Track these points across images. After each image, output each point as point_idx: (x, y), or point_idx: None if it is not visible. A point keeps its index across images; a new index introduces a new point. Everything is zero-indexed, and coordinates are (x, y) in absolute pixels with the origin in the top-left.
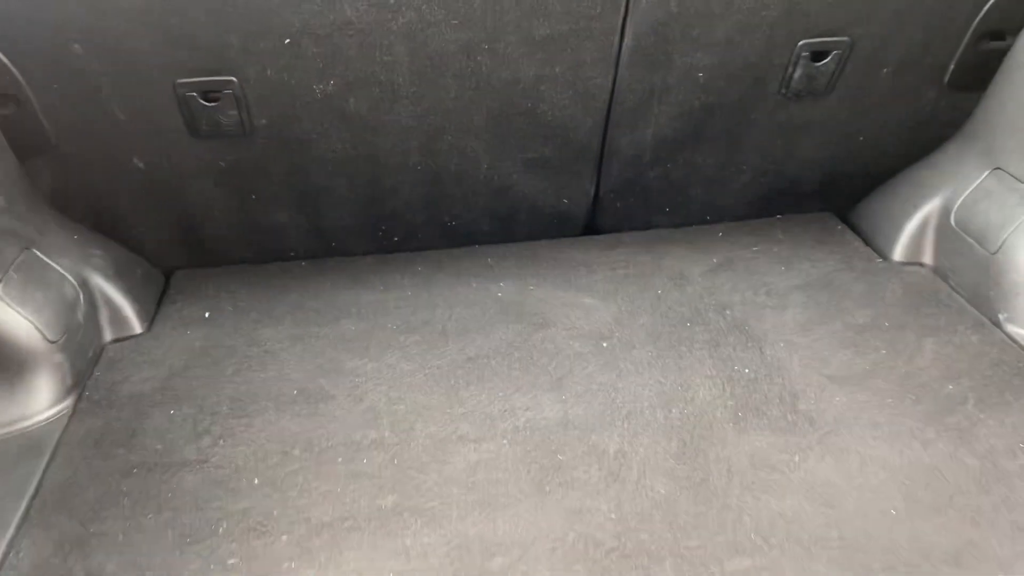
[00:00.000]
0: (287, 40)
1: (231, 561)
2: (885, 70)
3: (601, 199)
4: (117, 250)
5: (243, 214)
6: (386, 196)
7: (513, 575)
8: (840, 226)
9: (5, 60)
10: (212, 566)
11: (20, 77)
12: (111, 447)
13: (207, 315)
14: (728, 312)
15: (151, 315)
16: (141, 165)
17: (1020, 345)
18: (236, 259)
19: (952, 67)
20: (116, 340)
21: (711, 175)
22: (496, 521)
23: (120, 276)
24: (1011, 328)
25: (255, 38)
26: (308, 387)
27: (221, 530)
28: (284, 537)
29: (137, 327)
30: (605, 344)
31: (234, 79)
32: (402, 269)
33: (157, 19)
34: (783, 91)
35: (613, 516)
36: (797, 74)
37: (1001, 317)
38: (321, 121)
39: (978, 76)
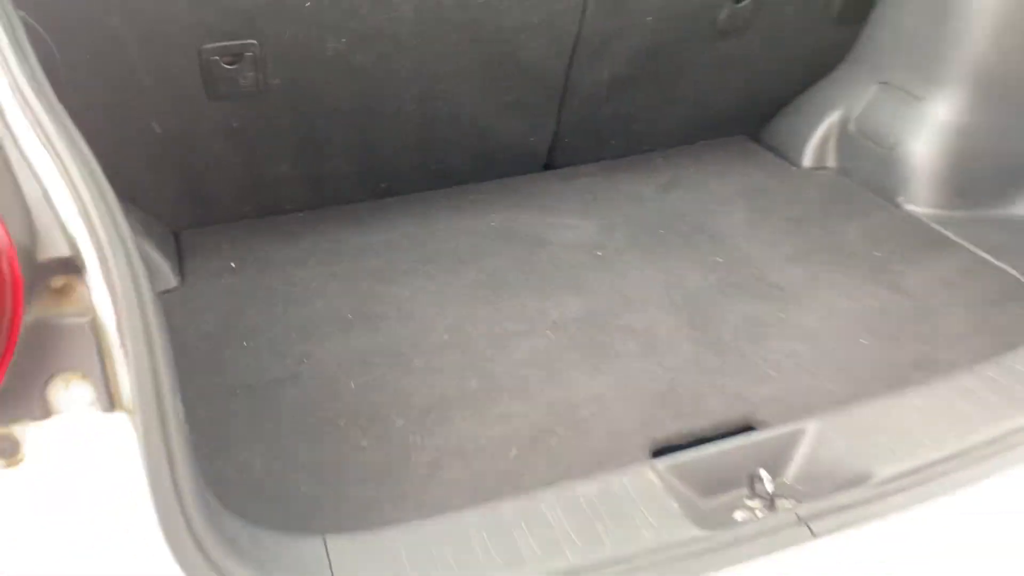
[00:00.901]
0: (308, 2)
1: (363, 443)
2: (789, 8)
3: (560, 136)
4: (137, 211)
5: (248, 169)
6: (382, 144)
7: (600, 419)
8: (755, 146)
9: (38, 27)
10: (346, 450)
11: (53, 45)
12: (206, 376)
13: (233, 265)
14: (688, 219)
15: (179, 270)
16: (158, 129)
17: (919, 219)
18: (238, 215)
19: (839, 4)
20: (160, 293)
21: (653, 108)
22: (569, 386)
23: (148, 235)
24: (910, 207)
25: (279, 1)
26: (360, 311)
27: (341, 423)
28: (399, 420)
29: (172, 281)
30: (599, 253)
31: (255, 42)
32: (399, 211)
33: None
34: (712, 31)
35: (659, 371)
36: (723, 16)
37: (899, 200)
38: (330, 77)
39: (860, 10)
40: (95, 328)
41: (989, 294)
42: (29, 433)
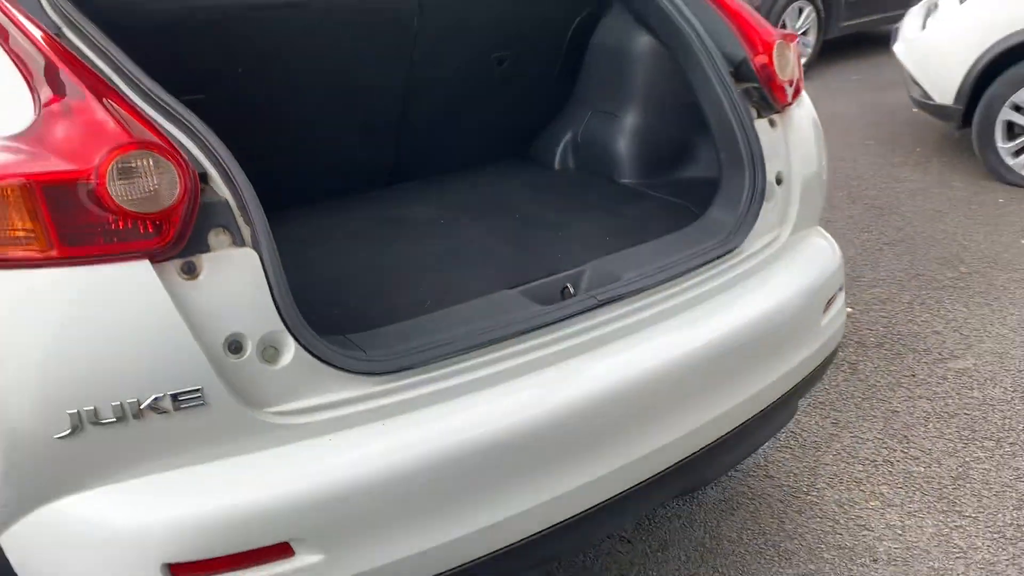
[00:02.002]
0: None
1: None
2: (533, 70)
3: (400, 156)
4: None
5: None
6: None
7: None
8: (524, 160)
9: None
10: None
11: None
12: None
13: None
14: (494, 200)
15: None
16: None
17: (628, 185)
18: None
19: (559, 69)
20: None
21: (462, 135)
22: (450, 274)
23: None
24: (623, 180)
25: None
26: (400, 260)
27: None
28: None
29: None
30: (442, 221)
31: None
32: (378, 199)
33: None
34: (495, 82)
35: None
36: (497, 73)
37: (615, 177)
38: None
39: (572, 72)
40: (228, 204)
41: (675, 217)
42: (202, 260)
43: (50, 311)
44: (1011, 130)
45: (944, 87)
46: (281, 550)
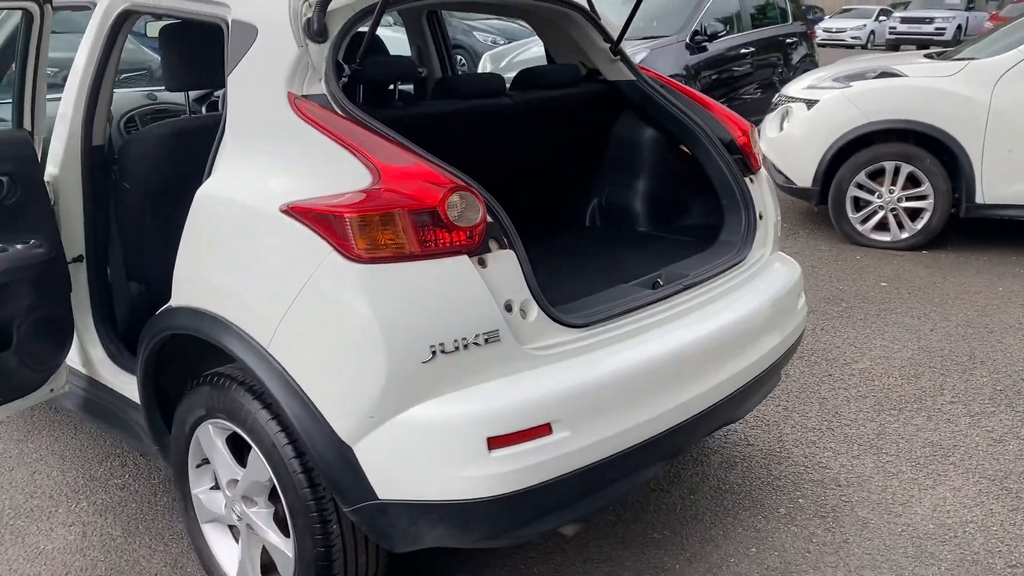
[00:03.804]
0: None
1: None
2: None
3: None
4: None
5: None
6: None
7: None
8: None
9: None
10: None
11: None
12: None
13: None
14: (611, 238)
15: None
16: None
17: None
18: None
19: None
20: None
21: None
22: None
23: None
24: (641, 229)
25: None
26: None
27: None
28: None
29: None
30: (612, 247)
31: None
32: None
33: None
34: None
35: None
36: (553, 154)
37: None
38: None
39: (593, 153)
40: (499, 223)
41: (690, 245)
42: (487, 257)
43: (415, 286)
44: (858, 204)
45: (803, 174)
46: (545, 429)
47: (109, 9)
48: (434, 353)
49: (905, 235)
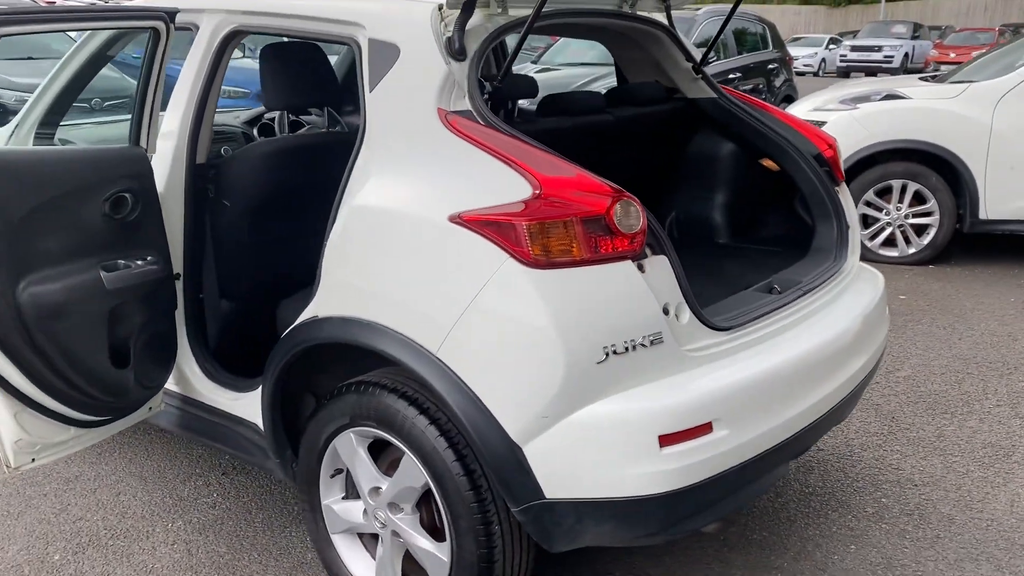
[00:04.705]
0: None
1: None
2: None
3: None
4: None
5: None
6: None
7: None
8: None
9: None
10: None
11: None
12: None
13: None
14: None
15: None
16: None
17: None
18: None
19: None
20: None
21: None
22: None
23: None
24: (721, 241)
25: None
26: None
27: None
28: None
29: None
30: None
31: None
32: None
33: None
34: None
35: None
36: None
37: None
38: None
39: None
40: (653, 230)
41: (780, 256)
42: (644, 262)
43: (587, 290)
44: (866, 220)
45: None
46: (707, 427)
47: (216, 30)
48: (607, 354)
49: (912, 250)
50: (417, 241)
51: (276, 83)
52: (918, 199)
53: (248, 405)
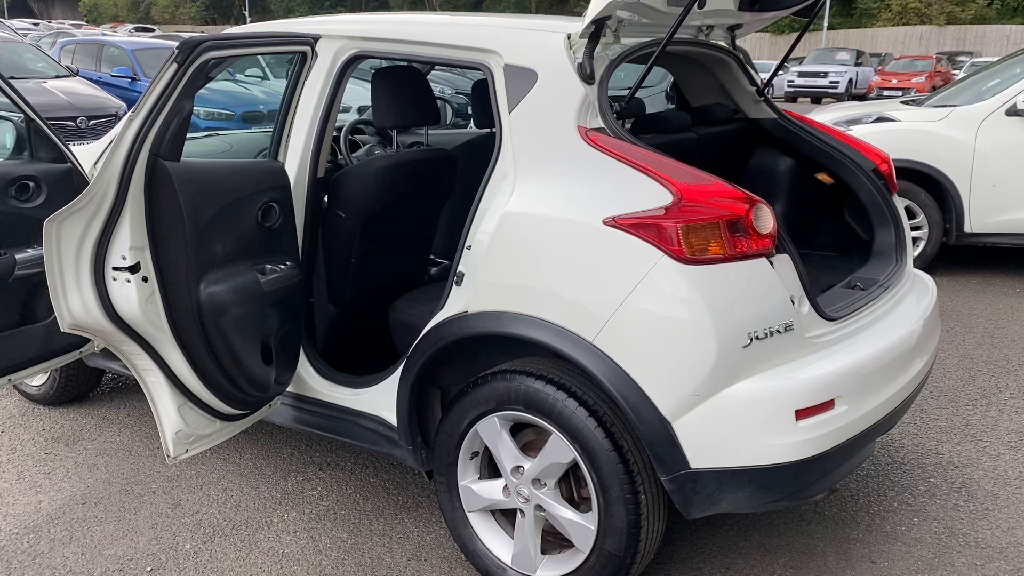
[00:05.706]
0: None
1: None
2: None
3: None
4: None
5: None
6: None
7: None
8: None
9: None
10: None
11: None
12: None
13: None
14: None
15: None
16: None
17: None
18: None
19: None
20: None
21: None
22: None
23: None
24: None
25: None
26: None
27: None
28: None
29: None
30: None
31: None
32: None
33: None
34: None
35: None
36: None
37: None
38: None
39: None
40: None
41: (844, 260)
42: (773, 259)
43: (732, 283)
44: None
45: None
46: (831, 404)
47: (338, 54)
48: (751, 339)
49: None
50: (574, 242)
51: (384, 103)
52: (908, 214)
53: (370, 399)
